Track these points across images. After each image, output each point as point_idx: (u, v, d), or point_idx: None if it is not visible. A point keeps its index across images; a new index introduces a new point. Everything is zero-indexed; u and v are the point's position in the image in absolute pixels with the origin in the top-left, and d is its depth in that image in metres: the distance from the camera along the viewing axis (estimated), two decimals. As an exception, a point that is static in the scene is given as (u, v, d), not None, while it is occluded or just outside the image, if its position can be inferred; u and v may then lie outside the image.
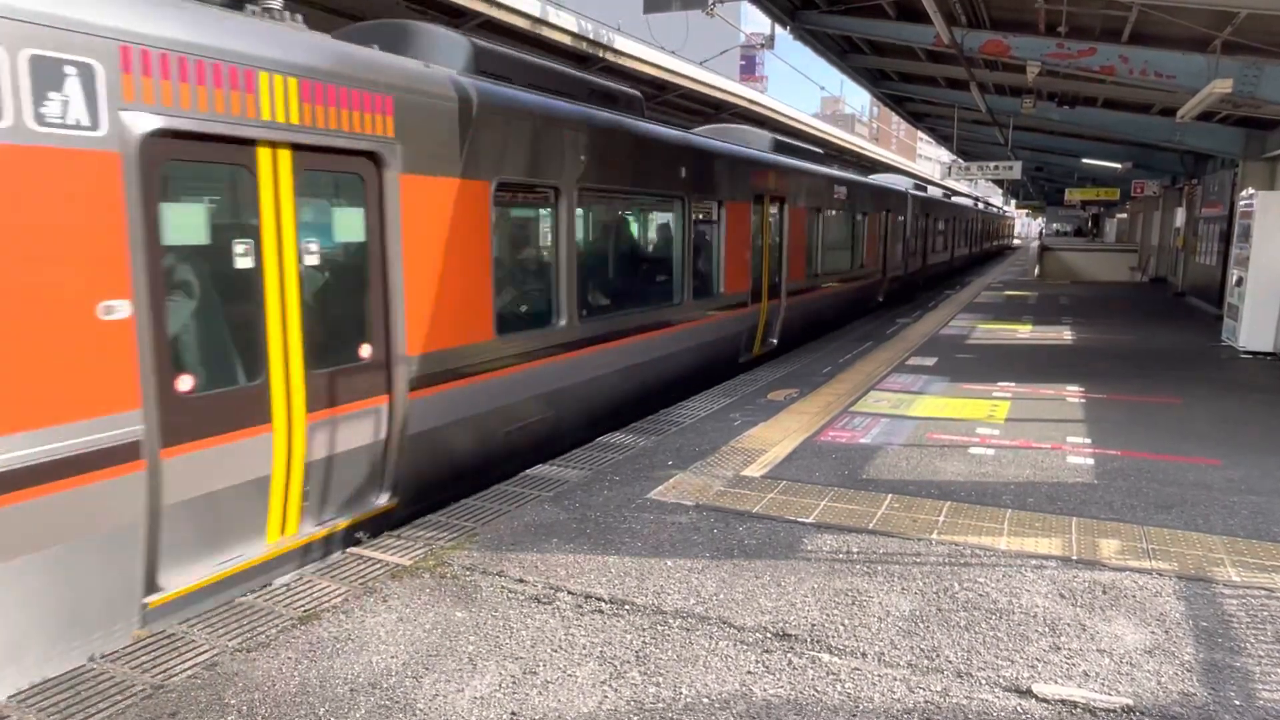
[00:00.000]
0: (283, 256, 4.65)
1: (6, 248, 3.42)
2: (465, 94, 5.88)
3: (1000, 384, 9.65)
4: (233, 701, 3.31)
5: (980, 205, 43.31)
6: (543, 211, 7.18)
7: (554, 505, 5.56)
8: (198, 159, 4.23)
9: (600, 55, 15.10)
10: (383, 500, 5.47)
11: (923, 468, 6.37)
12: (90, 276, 3.71)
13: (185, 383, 4.22)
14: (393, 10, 11.87)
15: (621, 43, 15.53)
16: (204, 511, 4.36)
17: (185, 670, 3.53)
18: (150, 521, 4.05)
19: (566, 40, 13.90)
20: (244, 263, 4.50)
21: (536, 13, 12.81)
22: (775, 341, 12.31)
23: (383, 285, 5.31)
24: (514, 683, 3.45)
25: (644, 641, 3.78)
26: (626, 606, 4.12)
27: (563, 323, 7.17)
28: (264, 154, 4.52)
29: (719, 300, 10.21)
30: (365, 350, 5.24)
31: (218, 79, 4.18)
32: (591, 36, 14.54)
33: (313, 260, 4.85)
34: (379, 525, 5.42)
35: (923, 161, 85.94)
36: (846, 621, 3.96)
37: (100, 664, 3.58)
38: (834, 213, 14.77)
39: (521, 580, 4.41)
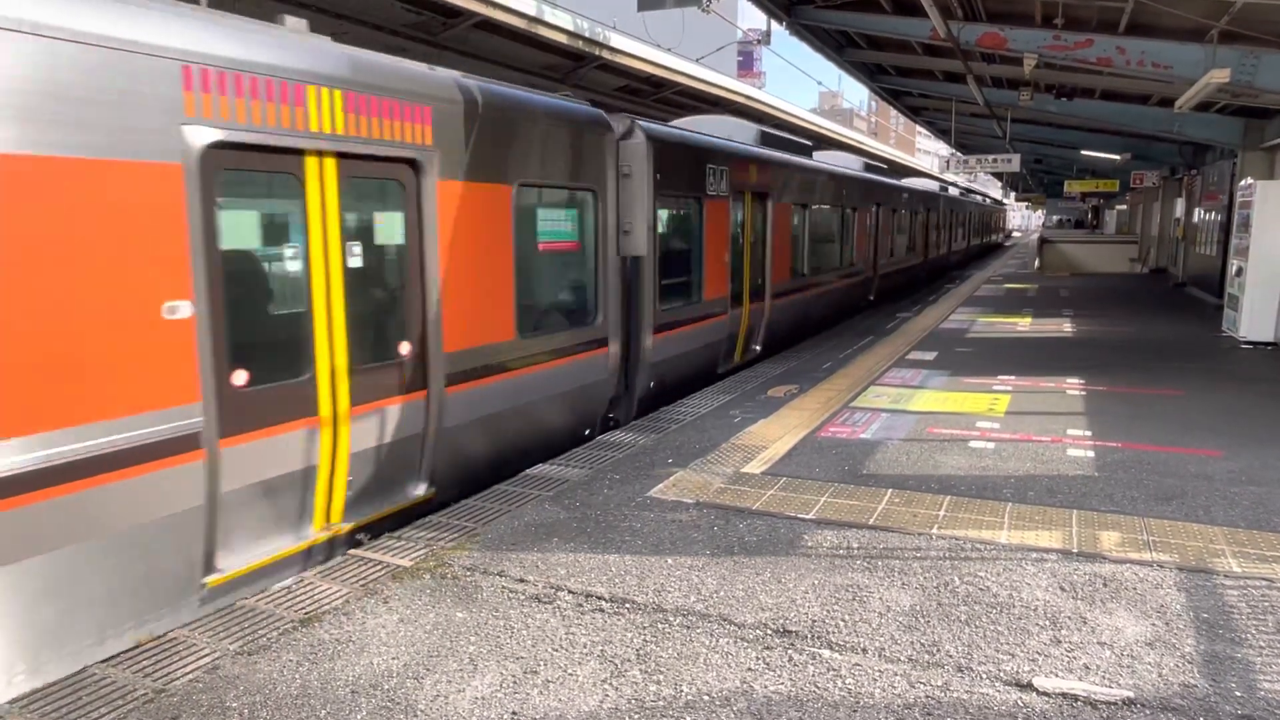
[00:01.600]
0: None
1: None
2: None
3: (1000, 377, 9.65)
4: (234, 705, 3.31)
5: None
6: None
7: (554, 504, 5.56)
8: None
9: (596, 53, 15.09)
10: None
11: (923, 462, 6.37)
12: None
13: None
14: (388, 11, 11.87)
15: (618, 40, 15.51)
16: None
17: (187, 674, 3.54)
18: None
19: (563, 39, 13.89)
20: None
21: (532, 11, 12.80)
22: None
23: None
24: (515, 682, 3.45)
25: (645, 640, 3.78)
26: (627, 605, 4.12)
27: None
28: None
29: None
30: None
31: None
32: (588, 35, 14.53)
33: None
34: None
35: (921, 155, 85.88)
36: (847, 617, 3.96)
37: (101, 668, 3.59)
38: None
39: (522, 580, 4.42)
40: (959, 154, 23.43)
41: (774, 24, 13.52)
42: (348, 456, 5.11)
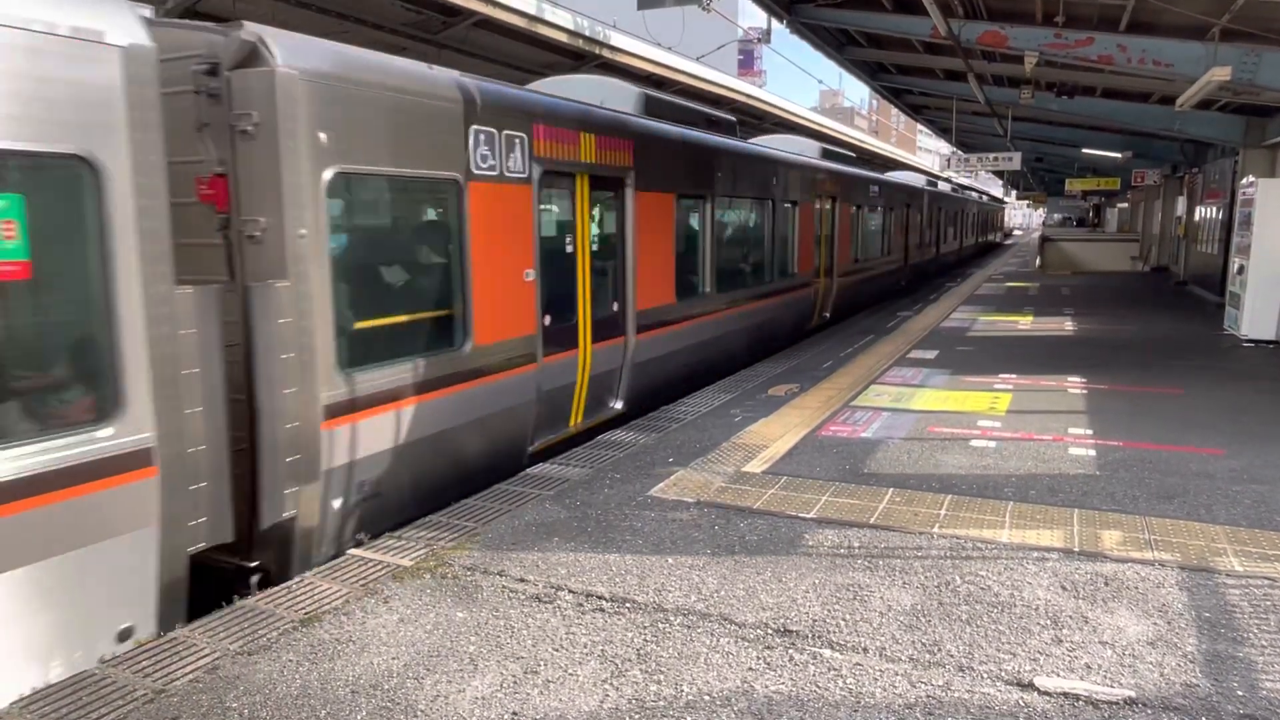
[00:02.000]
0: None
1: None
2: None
3: (1002, 376, 9.63)
4: (234, 705, 3.31)
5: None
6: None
7: (555, 504, 5.55)
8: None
9: (597, 52, 15.07)
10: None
11: (924, 461, 6.36)
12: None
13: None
14: (388, 10, 11.86)
15: (618, 39, 15.49)
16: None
17: (187, 674, 3.54)
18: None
19: (563, 38, 13.87)
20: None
21: (532, 10, 12.78)
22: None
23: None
24: (515, 682, 3.44)
25: (645, 639, 3.77)
26: (628, 605, 4.12)
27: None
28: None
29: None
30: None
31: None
32: (588, 34, 14.51)
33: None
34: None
35: (922, 154, 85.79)
36: (848, 616, 3.96)
37: (102, 669, 3.58)
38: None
39: (522, 580, 4.41)
40: (960, 152, 23.41)
41: (774, 22, 13.50)
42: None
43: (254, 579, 4.77)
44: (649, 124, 8.62)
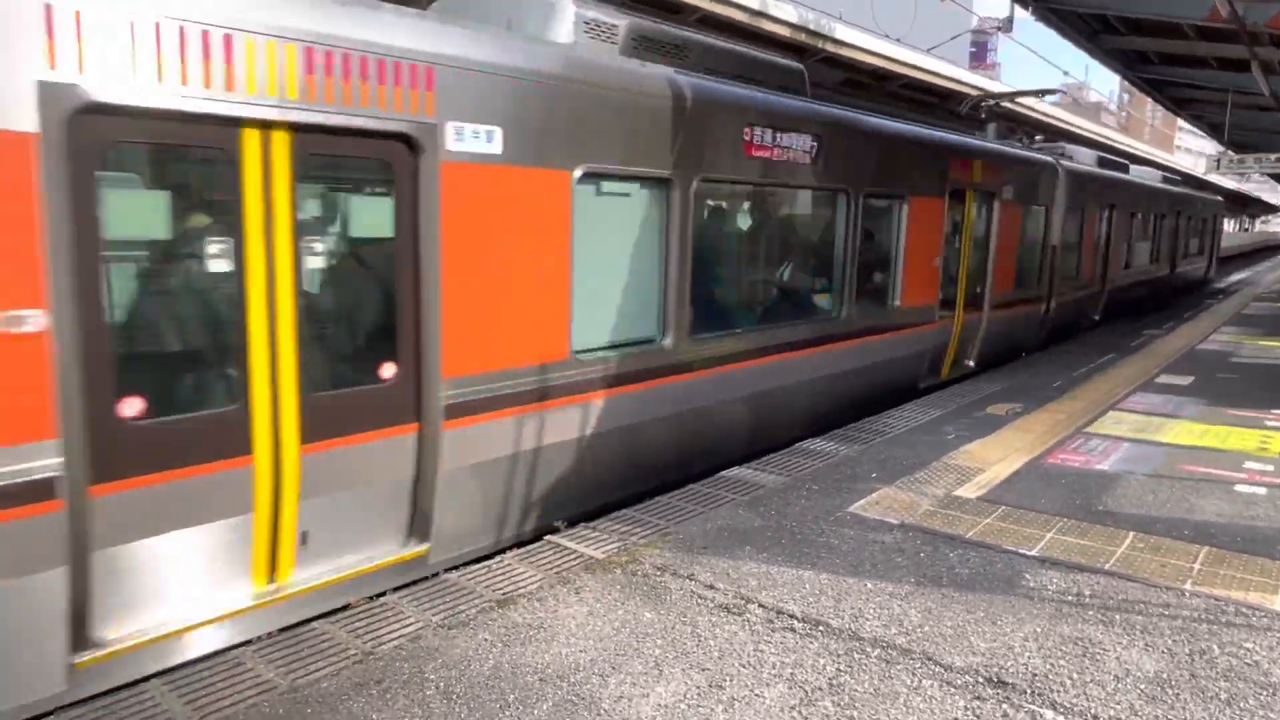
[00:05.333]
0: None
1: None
2: None
3: (1275, 411, 8.30)
4: (432, 677, 3.45)
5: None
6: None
7: (748, 510, 5.40)
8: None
9: (820, 46, 14.64)
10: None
11: (1174, 503, 5.57)
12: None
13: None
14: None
15: (842, 32, 14.96)
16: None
17: (393, 640, 3.74)
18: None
19: (785, 32, 13.58)
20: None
21: (755, 4, 12.61)
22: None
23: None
24: (699, 694, 3.34)
25: (838, 668, 3.54)
26: (820, 627, 3.89)
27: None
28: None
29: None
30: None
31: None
32: (811, 27, 14.12)
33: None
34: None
35: (1181, 154, 76.55)
36: (1075, 675, 3.50)
37: (322, 624, 3.87)
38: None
39: (711, 586, 4.30)
40: (1231, 152, 20.54)
41: (1018, 10, 12.44)
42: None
43: None
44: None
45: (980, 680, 3.46)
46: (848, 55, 15.48)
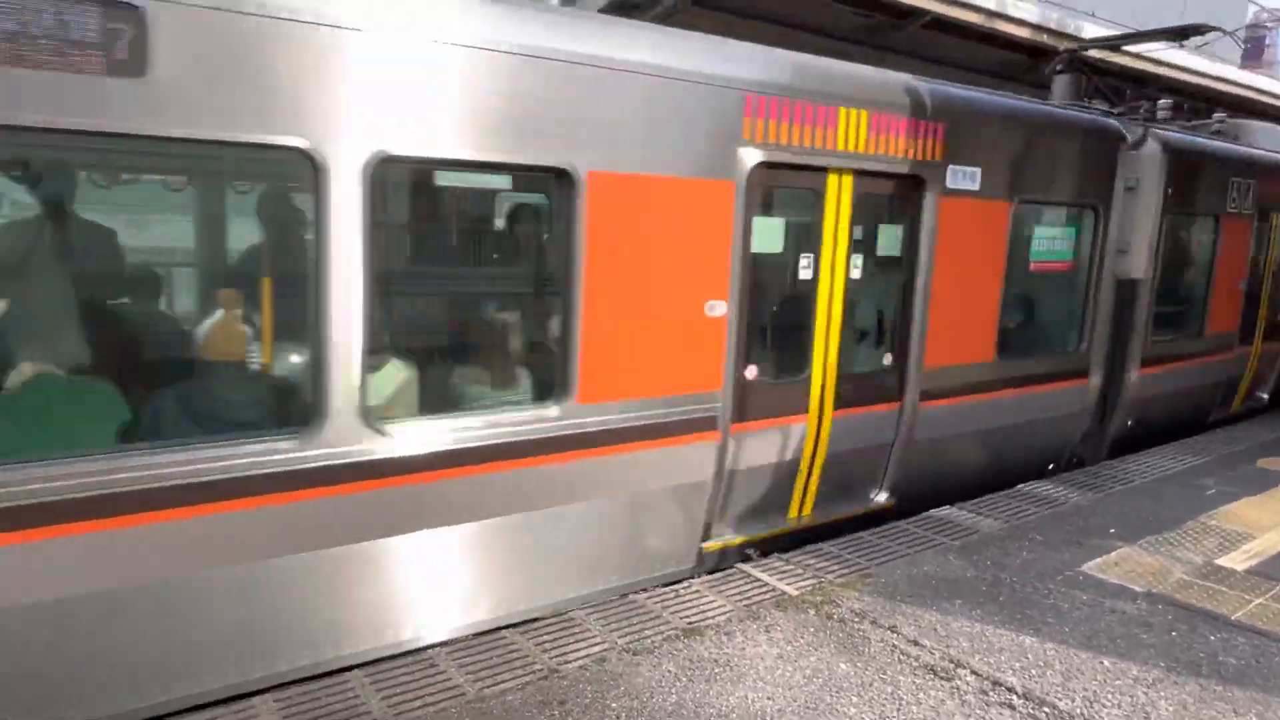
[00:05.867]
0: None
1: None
2: None
3: None
4: (614, 705, 3.36)
5: None
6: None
7: (960, 557, 4.91)
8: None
9: (1062, 48, 13.37)
10: None
11: None
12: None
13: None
14: (837, 17, 11.72)
15: (1091, 30, 13.58)
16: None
17: (578, 659, 3.70)
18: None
19: (1024, 34, 12.51)
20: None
21: (992, 5, 11.72)
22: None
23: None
24: (898, 769, 3.01)
25: (1067, 762, 3.07)
26: (1046, 708, 3.41)
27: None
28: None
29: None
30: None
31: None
32: (1054, 27, 12.92)
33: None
34: None
35: None
36: (1386, 818, 2.82)
37: (510, 634, 3.91)
38: None
39: (916, 643, 3.91)
40: None
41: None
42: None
43: None
44: None
45: (1252, 804, 2.87)
46: (1095, 57, 14.02)
